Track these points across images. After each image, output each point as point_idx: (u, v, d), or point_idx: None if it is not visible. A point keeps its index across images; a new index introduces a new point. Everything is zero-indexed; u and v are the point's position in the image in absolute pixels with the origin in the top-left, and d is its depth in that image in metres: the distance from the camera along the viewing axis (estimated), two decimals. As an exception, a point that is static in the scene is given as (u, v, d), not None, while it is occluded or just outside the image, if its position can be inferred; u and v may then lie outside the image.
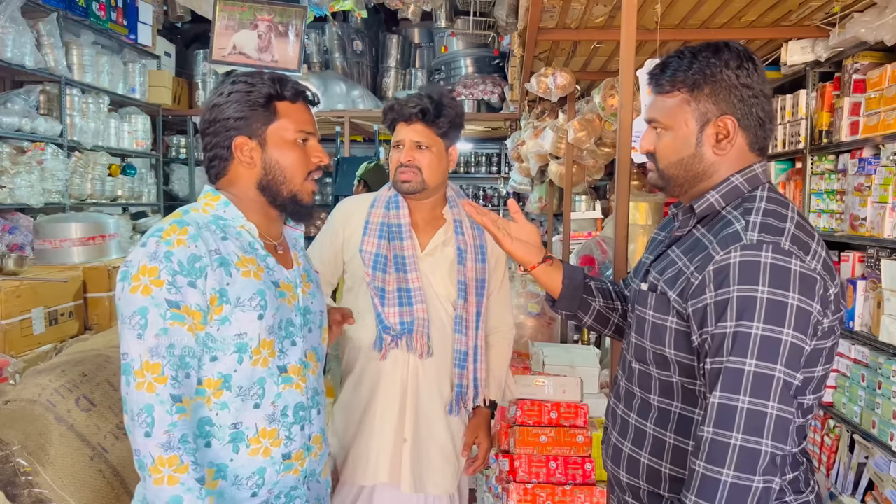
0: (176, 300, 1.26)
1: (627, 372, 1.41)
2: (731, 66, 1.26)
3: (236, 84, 1.42)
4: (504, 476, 2.24)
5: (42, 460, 1.68)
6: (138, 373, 1.25)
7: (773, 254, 1.14)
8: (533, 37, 3.43)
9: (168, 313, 1.26)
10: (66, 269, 3.12)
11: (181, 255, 1.28)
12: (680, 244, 1.33)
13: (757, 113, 1.28)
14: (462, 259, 1.95)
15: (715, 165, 1.30)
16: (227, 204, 1.41)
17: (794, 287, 1.13)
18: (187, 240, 1.29)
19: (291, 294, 1.44)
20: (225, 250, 1.35)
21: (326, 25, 7.67)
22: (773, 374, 1.12)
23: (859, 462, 2.88)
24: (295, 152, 1.43)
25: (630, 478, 1.37)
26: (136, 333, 1.26)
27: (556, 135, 4.79)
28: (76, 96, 5.31)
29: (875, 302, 2.75)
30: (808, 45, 3.25)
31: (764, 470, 1.10)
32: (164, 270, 1.26)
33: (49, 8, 4.92)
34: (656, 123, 1.35)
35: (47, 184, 4.85)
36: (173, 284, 1.26)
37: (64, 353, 2.29)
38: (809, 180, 3.31)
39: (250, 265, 1.37)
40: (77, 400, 1.84)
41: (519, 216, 1.55)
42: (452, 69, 7.77)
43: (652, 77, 1.35)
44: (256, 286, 1.36)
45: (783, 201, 1.26)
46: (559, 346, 3.08)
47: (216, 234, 1.36)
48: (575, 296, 1.53)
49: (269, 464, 1.37)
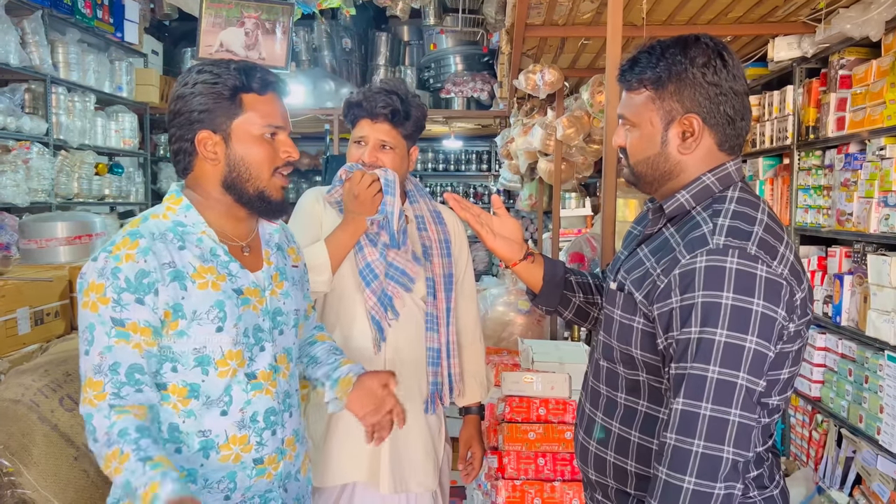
0: (121, 318, 1.24)
1: (594, 369, 1.41)
2: (696, 62, 1.23)
3: (202, 74, 1.35)
4: (493, 473, 2.24)
5: (25, 460, 1.66)
6: (83, 388, 1.25)
7: (739, 259, 1.13)
8: (520, 33, 3.42)
9: (113, 331, 1.23)
10: (51, 269, 3.09)
11: (129, 272, 1.24)
12: (649, 243, 1.32)
13: (725, 111, 1.25)
14: (428, 255, 1.93)
15: (682, 164, 1.28)
16: (189, 208, 1.36)
17: (759, 293, 1.12)
18: (136, 254, 1.26)
19: (258, 298, 1.39)
20: (180, 262, 1.30)
21: (315, 23, 7.64)
22: (735, 382, 1.11)
23: (847, 456, 2.89)
24: (261, 147, 1.36)
25: (598, 475, 1.37)
26: (84, 349, 1.25)
27: (544, 132, 4.79)
28: (62, 95, 5.27)
29: (861, 297, 2.76)
30: (794, 41, 3.26)
31: (725, 476, 1.10)
32: (109, 288, 1.23)
33: (34, 5, 4.87)
34: (625, 120, 1.33)
35: (33, 183, 4.81)
36: (118, 302, 1.24)
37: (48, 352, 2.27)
38: (797, 176, 3.32)
39: (208, 275, 1.32)
40: (61, 400, 1.83)
41: (502, 211, 1.54)
42: (442, 66, 7.76)
43: (621, 73, 1.33)
44: (214, 298, 1.32)
45: (753, 202, 1.24)
46: (548, 343, 3.09)
47: (173, 244, 1.31)
48: (554, 292, 1.53)
49: (240, 468, 1.35)
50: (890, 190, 2.58)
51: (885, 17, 2.63)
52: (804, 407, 3.28)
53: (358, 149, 1.89)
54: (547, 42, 3.78)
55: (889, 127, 2.59)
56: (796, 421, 3.36)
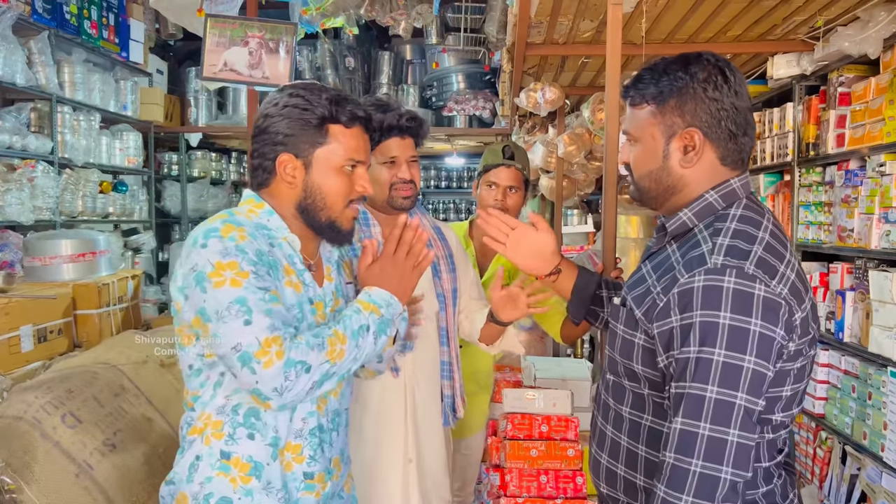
0: (265, 286, 1.25)
1: (604, 383, 1.42)
2: (697, 78, 1.25)
3: (293, 98, 1.36)
4: (495, 490, 2.23)
5: (27, 477, 1.66)
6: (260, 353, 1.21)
7: (737, 279, 1.13)
8: (521, 52, 3.45)
9: (267, 296, 1.24)
10: (55, 287, 3.10)
11: (249, 248, 1.27)
12: (652, 259, 1.33)
13: (727, 126, 1.25)
14: (437, 272, 1.96)
15: (685, 179, 1.29)
16: (272, 213, 1.38)
17: (756, 313, 1.12)
18: (248, 235, 1.29)
19: (321, 313, 1.40)
20: (273, 256, 1.33)
21: (318, 42, 7.71)
22: (734, 402, 1.11)
23: (851, 474, 2.87)
24: (340, 179, 1.38)
25: (609, 489, 1.37)
26: (242, 320, 1.22)
27: (546, 149, 4.81)
28: (67, 114, 5.31)
29: (864, 313, 2.76)
30: (793, 58, 3.28)
31: (723, 497, 1.10)
32: (243, 262, 1.25)
33: (40, 26, 4.93)
34: (629, 136, 1.35)
35: (38, 201, 4.83)
36: (256, 274, 1.25)
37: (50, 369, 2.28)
38: (798, 192, 3.33)
39: (292, 276, 1.35)
40: (63, 417, 1.83)
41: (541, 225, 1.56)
42: (444, 85, 7.81)
43: (624, 90, 1.35)
44: (297, 297, 1.34)
45: (755, 220, 1.24)
46: (551, 360, 3.07)
47: (264, 240, 1.34)
48: (580, 306, 1.56)
49: (291, 479, 1.35)
50: (890, 206, 2.59)
51: (882, 35, 2.65)
52: (808, 424, 3.26)
53: (390, 168, 1.86)
54: (548, 60, 3.81)
55: (889, 143, 2.60)
56: (800, 438, 3.34)
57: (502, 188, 2.37)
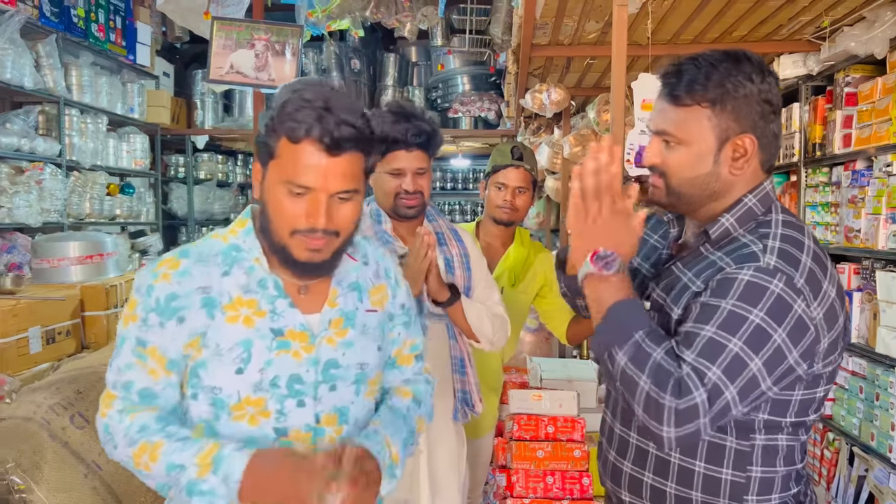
0: (144, 338, 1.20)
1: None
2: (754, 79, 1.18)
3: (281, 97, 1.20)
4: (501, 491, 2.23)
5: (36, 478, 1.67)
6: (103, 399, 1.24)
7: (785, 286, 1.11)
8: (526, 53, 3.46)
9: (136, 350, 1.21)
10: (63, 288, 3.11)
11: (160, 293, 1.19)
12: (691, 266, 1.25)
13: (773, 129, 1.22)
14: (451, 268, 1.99)
15: (730, 184, 1.23)
16: (249, 233, 1.25)
17: (786, 326, 1.10)
18: (173, 275, 1.20)
19: (304, 345, 1.22)
20: (218, 288, 1.20)
21: (324, 44, 7.73)
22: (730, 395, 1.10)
23: (859, 475, 2.87)
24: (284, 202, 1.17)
25: (633, 497, 1.32)
26: (111, 359, 1.24)
27: (551, 150, 4.82)
28: (75, 116, 5.34)
29: (871, 313, 2.75)
30: (799, 59, 3.28)
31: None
32: (140, 306, 1.20)
33: (48, 29, 4.95)
34: (668, 136, 1.24)
35: (46, 203, 4.86)
36: (145, 322, 1.20)
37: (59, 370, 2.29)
38: (804, 193, 3.32)
39: (244, 309, 1.20)
40: (72, 417, 1.84)
41: None
42: (449, 87, 7.82)
43: (667, 85, 1.23)
44: (242, 335, 1.19)
45: (799, 225, 1.21)
46: (557, 361, 3.08)
47: (217, 269, 1.22)
48: None
49: None
50: (897, 206, 2.59)
51: (889, 35, 2.65)
52: (815, 425, 3.25)
53: (395, 179, 1.89)
54: (553, 62, 3.81)
55: (895, 143, 2.59)
56: (808, 439, 3.33)
57: (511, 189, 2.38)
